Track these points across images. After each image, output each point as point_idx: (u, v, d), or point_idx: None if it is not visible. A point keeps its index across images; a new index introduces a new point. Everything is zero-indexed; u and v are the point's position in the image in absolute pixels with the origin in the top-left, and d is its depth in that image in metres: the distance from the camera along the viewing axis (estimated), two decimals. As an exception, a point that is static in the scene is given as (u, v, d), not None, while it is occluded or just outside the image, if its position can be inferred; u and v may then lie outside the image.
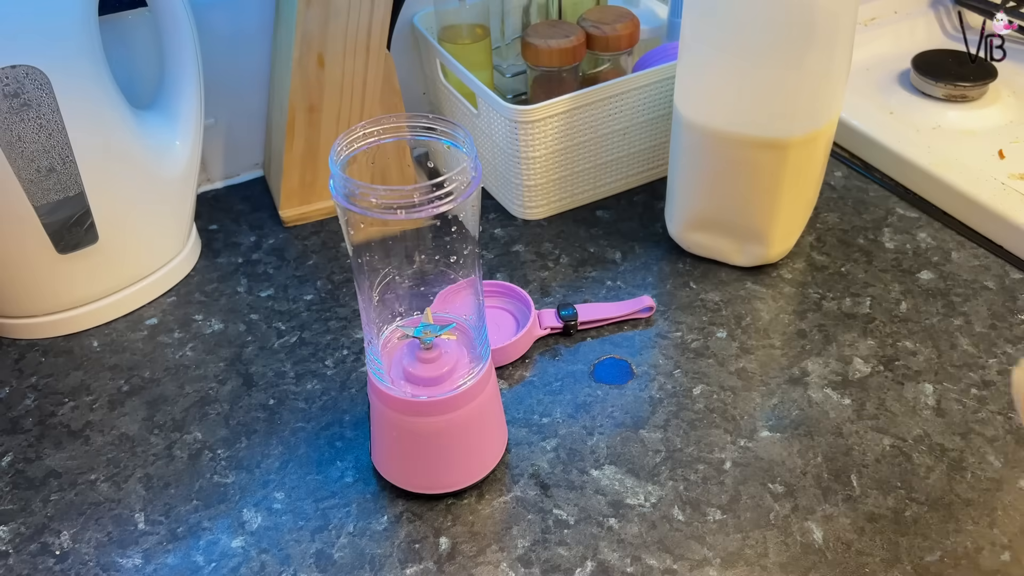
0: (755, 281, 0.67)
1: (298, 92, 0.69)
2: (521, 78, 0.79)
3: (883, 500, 0.51)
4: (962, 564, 0.48)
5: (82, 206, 0.61)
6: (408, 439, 0.50)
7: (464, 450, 0.51)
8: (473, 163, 0.43)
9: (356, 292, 0.49)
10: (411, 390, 0.49)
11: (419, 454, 0.50)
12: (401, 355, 0.50)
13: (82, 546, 0.51)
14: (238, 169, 0.82)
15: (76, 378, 0.62)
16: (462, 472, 0.52)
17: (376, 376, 0.49)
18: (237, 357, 0.63)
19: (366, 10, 0.67)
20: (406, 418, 0.49)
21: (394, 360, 0.50)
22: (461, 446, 0.51)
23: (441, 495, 0.52)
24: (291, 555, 0.50)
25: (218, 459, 0.55)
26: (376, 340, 0.51)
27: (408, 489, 0.52)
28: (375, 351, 0.50)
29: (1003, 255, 0.68)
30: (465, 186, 0.43)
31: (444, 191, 0.42)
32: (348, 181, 0.42)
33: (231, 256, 0.72)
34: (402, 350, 0.51)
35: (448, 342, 0.50)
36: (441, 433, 0.50)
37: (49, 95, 0.56)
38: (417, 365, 0.49)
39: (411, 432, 0.50)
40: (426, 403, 0.48)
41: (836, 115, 0.63)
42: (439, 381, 0.49)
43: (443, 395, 0.48)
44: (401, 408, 0.49)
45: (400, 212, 0.41)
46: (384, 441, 0.52)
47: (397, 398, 0.49)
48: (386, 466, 0.53)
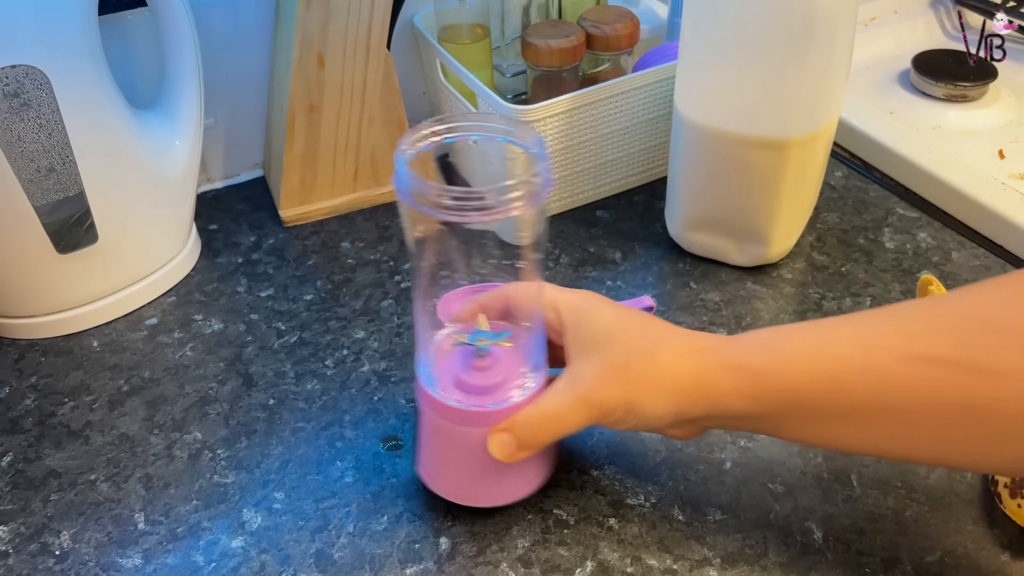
0: (755, 281, 0.67)
1: (298, 92, 0.69)
2: (521, 78, 0.79)
3: (883, 500, 0.51)
4: (962, 564, 0.48)
5: (82, 206, 0.61)
6: (455, 449, 0.48)
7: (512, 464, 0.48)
8: (546, 165, 0.41)
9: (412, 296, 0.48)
10: (462, 398, 0.47)
11: (465, 464, 0.48)
12: (453, 361, 0.48)
13: (82, 546, 0.51)
14: (238, 169, 0.82)
15: (76, 378, 0.62)
16: (508, 487, 0.49)
17: (425, 382, 0.47)
18: (237, 357, 0.63)
19: (366, 10, 0.67)
20: (455, 427, 0.47)
21: (445, 366, 0.48)
22: None
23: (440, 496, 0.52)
24: (291, 555, 0.50)
25: (218, 459, 0.55)
26: (428, 345, 0.49)
27: (452, 500, 0.50)
28: (427, 356, 0.48)
29: (1003, 255, 0.68)
30: (539, 188, 0.41)
31: (516, 194, 0.39)
32: (417, 180, 0.39)
33: (231, 256, 0.72)
34: (454, 356, 0.48)
35: (503, 350, 0.48)
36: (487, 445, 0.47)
37: (49, 95, 0.56)
38: (471, 373, 0.47)
39: (459, 442, 0.47)
40: (477, 413, 0.46)
41: (836, 115, 0.63)
42: (492, 390, 0.47)
43: (496, 406, 0.46)
44: (450, 416, 0.47)
45: (472, 214, 0.39)
46: (430, 450, 0.50)
47: (446, 405, 0.46)
48: (433, 476, 0.50)
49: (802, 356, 0.41)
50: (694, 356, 0.43)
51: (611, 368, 0.44)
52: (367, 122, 0.73)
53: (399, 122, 0.74)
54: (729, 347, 0.43)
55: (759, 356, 0.42)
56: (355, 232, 0.74)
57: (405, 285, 0.68)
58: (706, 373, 0.43)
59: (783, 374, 0.41)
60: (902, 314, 0.41)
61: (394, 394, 0.59)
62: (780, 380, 0.41)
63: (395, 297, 0.67)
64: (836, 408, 0.40)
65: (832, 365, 0.40)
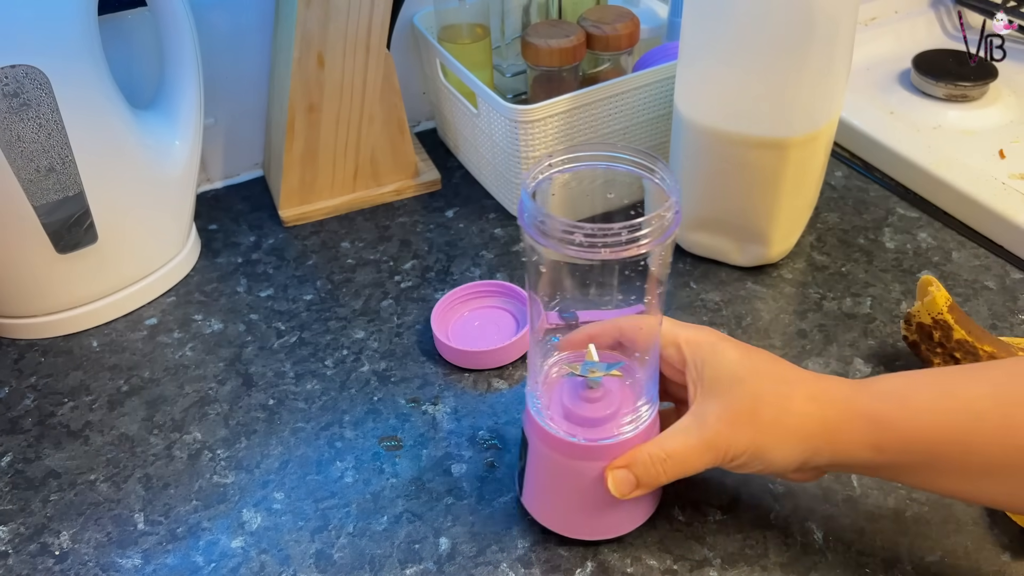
0: (755, 281, 0.67)
1: (298, 92, 0.69)
2: (521, 78, 0.79)
3: (884, 500, 0.51)
4: (962, 565, 0.48)
5: (81, 206, 0.61)
6: (561, 479, 0.47)
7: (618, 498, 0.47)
8: (678, 199, 0.40)
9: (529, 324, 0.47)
10: (570, 429, 0.46)
11: (574, 497, 0.47)
12: (561, 391, 0.47)
13: (81, 546, 0.51)
14: (238, 169, 0.81)
15: (75, 378, 0.62)
16: (614, 522, 0.48)
17: (534, 410, 0.47)
18: (237, 357, 0.63)
19: (366, 10, 0.67)
20: (561, 458, 0.46)
21: (553, 395, 0.47)
22: None
23: (440, 496, 0.52)
24: (291, 555, 0.50)
25: (217, 459, 0.55)
26: (539, 374, 0.48)
27: (557, 531, 0.49)
28: (538, 386, 0.47)
29: (1004, 255, 0.68)
30: (669, 223, 0.40)
31: (647, 230, 0.39)
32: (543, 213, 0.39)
33: (231, 256, 0.72)
34: (562, 386, 0.47)
35: (615, 382, 0.47)
36: (598, 479, 0.46)
37: (48, 95, 0.56)
38: (580, 404, 0.46)
39: (565, 472, 0.47)
40: (583, 447, 0.45)
41: (836, 115, 0.63)
42: (602, 422, 0.46)
43: (610, 440, 0.45)
44: (561, 449, 0.46)
45: (603, 251, 0.38)
46: (536, 478, 0.49)
47: (557, 438, 0.46)
48: (539, 507, 0.49)
49: (932, 411, 0.41)
50: (821, 404, 0.43)
51: (739, 413, 0.43)
52: (367, 122, 0.73)
53: (399, 122, 0.74)
54: (857, 395, 0.43)
55: (888, 406, 0.41)
56: (355, 232, 0.74)
57: (405, 285, 0.68)
58: (833, 423, 0.42)
59: (912, 427, 0.41)
60: None
61: (394, 394, 0.59)
62: (908, 432, 0.41)
63: (395, 297, 0.67)
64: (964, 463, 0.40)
65: (965, 422, 0.40)
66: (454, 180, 0.80)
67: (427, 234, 0.73)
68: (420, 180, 0.78)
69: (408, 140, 0.76)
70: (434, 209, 0.76)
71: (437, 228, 0.74)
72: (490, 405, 0.58)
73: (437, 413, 0.58)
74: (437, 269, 0.70)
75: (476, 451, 0.55)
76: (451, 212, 0.76)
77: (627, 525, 0.49)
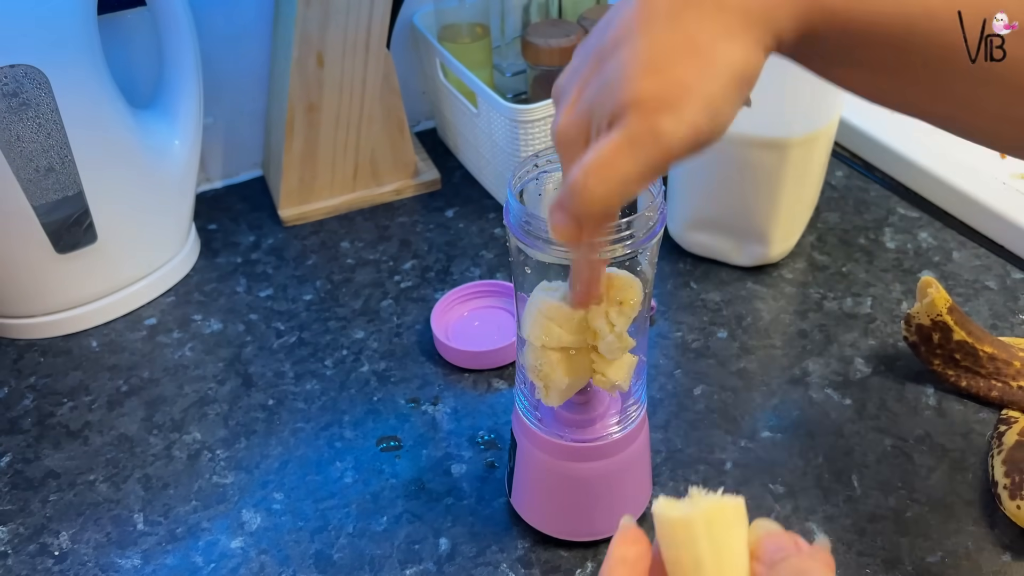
0: (756, 281, 0.67)
1: (297, 91, 0.69)
2: (521, 77, 0.79)
3: (884, 500, 0.51)
4: (963, 564, 0.48)
5: (81, 206, 0.61)
6: (549, 479, 0.47)
7: (606, 499, 0.47)
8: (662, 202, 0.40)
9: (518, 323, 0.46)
10: (558, 430, 0.46)
11: (555, 496, 0.48)
12: None
13: (81, 546, 0.51)
14: (237, 169, 0.81)
15: (75, 378, 0.62)
16: (600, 522, 0.48)
17: (522, 410, 0.47)
18: (236, 357, 0.63)
19: (365, 9, 0.67)
20: (548, 459, 0.46)
21: None
22: (603, 495, 0.47)
23: (440, 496, 0.52)
24: (290, 556, 0.49)
25: (217, 459, 0.55)
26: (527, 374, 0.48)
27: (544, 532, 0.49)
28: (525, 387, 0.47)
29: (1004, 255, 0.68)
30: (653, 224, 0.39)
31: (627, 232, 0.38)
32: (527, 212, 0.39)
33: (230, 256, 0.72)
34: None
35: None
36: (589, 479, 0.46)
37: (48, 94, 0.56)
38: (568, 404, 0.46)
39: (552, 473, 0.47)
40: (572, 447, 0.45)
41: (837, 115, 0.62)
42: (589, 424, 0.46)
43: (593, 441, 0.45)
44: (546, 448, 0.46)
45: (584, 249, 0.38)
46: (525, 480, 0.49)
47: (543, 437, 0.46)
48: (525, 506, 0.50)
49: None
50: None
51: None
52: (366, 121, 0.73)
53: (398, 121, 0.74)
54: None
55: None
56: (355, 232, 0.74)
57: (405, 285, 0.68)
58: None
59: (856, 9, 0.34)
60: None
61: (393, 394, 0.59)
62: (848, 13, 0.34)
63: (394, 297, 0.67)
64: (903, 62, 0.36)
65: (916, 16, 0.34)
66: (454, 180, 0.80)
67: (427, 234, 0.73)
68: (420, 180, 0.78)
69: (408, 140, 0.76)
70: (434, 209, 0.76)
71: (437, 228, 0.74)
72: (490, 405, 0.58)
73: (437, 413, 0.58)
74: (437, 269, 0.69)
75: (476, 451, 0.55)
76: (451, 212, 0.76)
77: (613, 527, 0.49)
